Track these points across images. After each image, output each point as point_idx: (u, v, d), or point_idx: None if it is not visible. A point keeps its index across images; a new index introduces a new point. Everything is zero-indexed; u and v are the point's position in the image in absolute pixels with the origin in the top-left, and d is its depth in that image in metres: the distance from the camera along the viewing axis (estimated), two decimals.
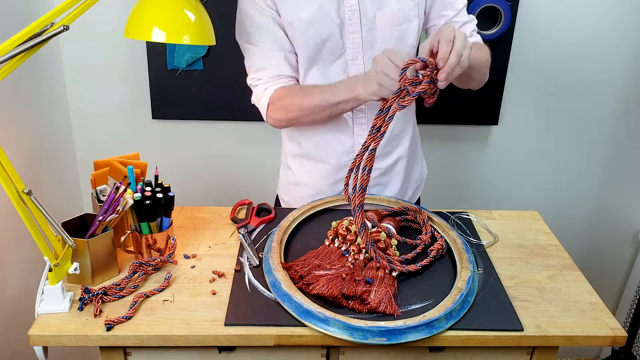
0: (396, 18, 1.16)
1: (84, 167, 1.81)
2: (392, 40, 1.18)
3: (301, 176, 1.36)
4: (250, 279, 1.04)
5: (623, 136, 1.86)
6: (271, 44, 1.19)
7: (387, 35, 1.17)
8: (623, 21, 1.69)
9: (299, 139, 1.31)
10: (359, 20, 1.15)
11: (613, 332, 0.95)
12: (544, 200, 1.93)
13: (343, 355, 0.97)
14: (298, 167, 1.36)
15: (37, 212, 0.90)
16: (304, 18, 1.14)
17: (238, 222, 1.22)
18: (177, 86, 1.69)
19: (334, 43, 1.17)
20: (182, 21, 1.00)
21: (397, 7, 1.15)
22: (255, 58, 1.21)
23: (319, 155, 1.31)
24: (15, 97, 1.39)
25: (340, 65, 1.20)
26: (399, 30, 1.17)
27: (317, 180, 1.34)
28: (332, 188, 1.33)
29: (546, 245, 1.20)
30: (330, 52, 1.18)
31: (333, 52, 1.18)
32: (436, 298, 0.98)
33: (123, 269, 1.07)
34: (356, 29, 1.16)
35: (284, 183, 1.42)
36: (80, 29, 1.41)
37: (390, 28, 1.17)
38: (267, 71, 1.21)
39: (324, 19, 1.14)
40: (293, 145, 1.35)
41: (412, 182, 1.40)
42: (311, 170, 1.34)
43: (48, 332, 0.92)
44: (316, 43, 1.17)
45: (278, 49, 1.19)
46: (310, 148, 1.32)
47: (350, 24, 1.15)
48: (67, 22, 0.86)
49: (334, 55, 1.19)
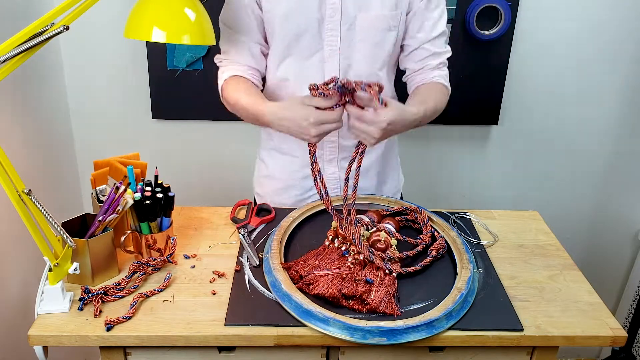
0: (376, 23, 1.16)
1: (84, 167, 1.81)
2: (369, 43, 1.18)
3: (273, 169, 1.37)
4: (250, 279, 1.04)
5: (623, 136, 1.86)
6: (240, 31, 1.21)
7: (365, 37, 1.17)
8: (623, 21, 1.69)
9: (271, 131, 1.29)
10: (339, 19, 1.15)
11: (613, 332, 0.95)
12: (544, 200, 1.93)
13: (343, 355, 0.97)
14: (270, 160, 1.37)
15: (37, 212, 0.90)
16: (284, 8, 1.15)
17: (238, 222, 1.22)
18: (177, 86, 1.69)
19: (312, 37, 1.17)
20: (182, 21, 1.00)
21: (380, 13, 1.15)
22: (224, 40, 1.24)
23: (289, 148, 1.32)
24: (15, 97, 1.39)
25: (316, 60, 1.20)
26: (378, 36, 1.18)
27: (287, 174, 1.35)
28: (302, 183, 1.34)
29: (546, 245, 1.20)
30: (307, 46, 1.18)
31: (309, 47, 1.18)
32: (436, 298, 0.98)
33: (123, 269, 1.07)
34: (335, 26, 1.16)
35: (258, 176, 1.43)
36: (80, 29, 1.41)
37: (370, 32, 1.17)
38: (229, 56, 1.24)
39: (304, 12, 1.14)
40: (266, 137, 1.36)
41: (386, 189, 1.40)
42: (281, 164, 1.35)
43: (48, 332, 0.92)
44: (294, 34, 1.17)
45: (244, 37, 1.21)
46: (280, 141, 1.33)
47: (330, 21, 1.15)
48: (67, 22, 0.86)
49: (311, 50, 1.19)
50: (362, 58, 1.19)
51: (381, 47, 1.20)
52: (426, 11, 1.19)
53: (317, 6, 1.14)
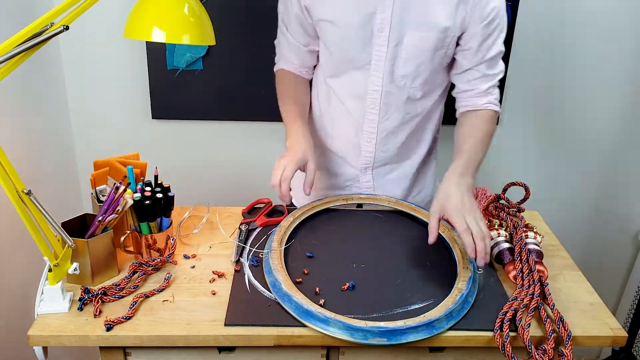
0: (424, 43, 1.15)
1: (84, 167, 1.81)
2: (414, 62, 1.17)
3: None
4: (250, 279, 1.04)
5: (623, 136, 1.86)
6: (290, 31, 1.26)
7: (411, 55, 1.16)
8: (623, 20, 1.69)
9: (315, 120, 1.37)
10: (387, 34, 1.14)
11: (613, 332, 0.95)
12: (544, 200, 1.93)
13: (343, 355, 0.97)
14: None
15: (37, 212, 0.89)
16: (336, 21, 1.15)
17: (246, 218, 1.22)
18: (177, 86, 1.69)
19: (360, 50, 1.17)
20: (182, 21, 0.99)
21: (429, 33, 1.13)
22: (279, 30, 1.31)
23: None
24: (15, 97, 1.39)
25: (362, 71, 1.20)
26: (424, 55, 1.16)
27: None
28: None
29: (546, 245, 1.20)
30: (355, 58, 1.19)
31: (358, 59, 1.19)
32: (436, 298, 0.98)
33: (123, 269, 1.07)
34: (383, 42, 1.15)
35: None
36: (80, 29, 1.41)
37: (416, 51, 1.16)
38: (280, 48, 1.32)
39: (354, 25, 1.14)
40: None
41: (418, 194, 1.42)
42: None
43: (48, 332, 0.91)
44: (343, 46, 1.18)
45: (293, 39, 1.26)
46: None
47: (379, 35, 1.14)
48: (67, 22, 0.86)
49: (359, 62, 1.19)
50: (405, 74, 1.19)
51: (426, 65, 1.18)
52: (485, 30, 1.14)
53: (366, 21, 1.13)
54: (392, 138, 1.28)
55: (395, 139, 1.28)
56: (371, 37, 1.15)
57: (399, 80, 1.20)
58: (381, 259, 1.10)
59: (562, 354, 0.90)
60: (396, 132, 1.27)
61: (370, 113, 1.24)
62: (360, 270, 1.07)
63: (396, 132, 1.28)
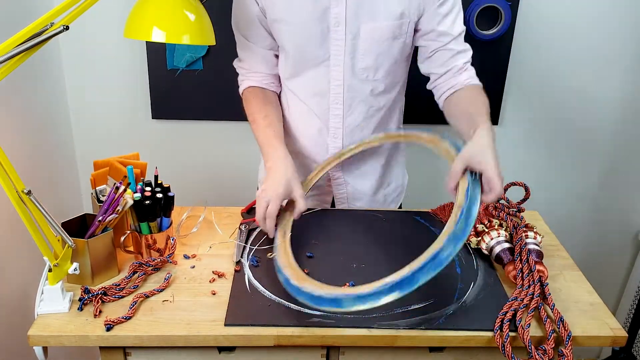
0: (380, 33, 1.15)
1: (84, 167, 1.81)
2: (373, 53, 1.17)
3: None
4: (250, 279, 1.04)
5: (623, 136, 1.86)
6: (251, 38, 1.23)
7: (369, 47, 1.17)
8: (623, 21, 1.69)
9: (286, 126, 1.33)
10: (343, 29, 1.14)
11: (613, 332, 0.95)
12: (544, 200, 1.93)
13: (343, 355, 0.97)
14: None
15: (37, 212, 0.89)
16: (289, 19, 1.15)
17: (245, 217, 1.22)
18: (177, 86, 1.69)
19: (318, 47, 1.17)
20: (182, 21, 0.99)
21: (384, 23, 1.14)
22: (239, 47, 1.27)
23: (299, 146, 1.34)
24: (15, 97, 1.39)
25: (323, 68, 1.19)
26: (383, 46, 1.17)
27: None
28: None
29: (546, 245, 1.20)
30: (313, 56, 1.18)
31: (316, 57, 1.18)
32: (436, 298, 0.98)
33: (123, 269, 1.07)
34: (340, 36, 1.15)
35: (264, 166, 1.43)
36: (80, 29, 1.41)
37: (373, 41, 1.16)
38: (246, 64, 1.28)
39: (309, 23, 1.14)
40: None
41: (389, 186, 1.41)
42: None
43: (48, 332, 0.91)
44: (300, 44, 1.17)
45: (256, 45, 1.23)
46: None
47: (335, 30, 1.14)
48: (67, 22, 0.86)
49: (317, 60, 1.19)
50: (366, 67, 1.19)
51: (385, 56, 1.18)
52: (442, 10, 1.15)
53: (321, 16, 1.13)
54: (359, 132, 1.27)
55: (362, 132, 1.28)
56: (328, 32, 1.15)
57: (360, 73, 1.19)
58: (381, 259, 1.10)
59: (562, 354, 0.90)
60: (362, 126, 1.27)
61: (334, 109, 1.24)
62: (360, 270, 1.07)
63: (362, 127, 1.27)
